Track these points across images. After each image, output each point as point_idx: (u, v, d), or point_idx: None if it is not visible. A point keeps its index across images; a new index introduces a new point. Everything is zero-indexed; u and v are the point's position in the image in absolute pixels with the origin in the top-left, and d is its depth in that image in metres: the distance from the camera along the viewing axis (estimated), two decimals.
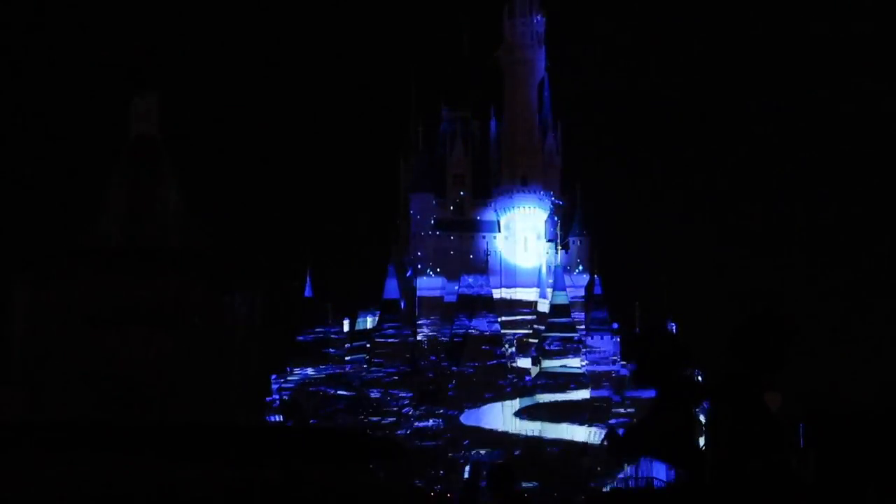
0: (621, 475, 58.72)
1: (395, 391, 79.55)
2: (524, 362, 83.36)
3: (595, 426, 76.13)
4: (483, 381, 79.90)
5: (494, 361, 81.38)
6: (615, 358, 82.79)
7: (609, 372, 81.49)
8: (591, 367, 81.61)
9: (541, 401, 79.52)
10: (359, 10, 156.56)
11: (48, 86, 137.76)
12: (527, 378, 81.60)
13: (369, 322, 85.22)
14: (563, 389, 79.64)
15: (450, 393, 79.52)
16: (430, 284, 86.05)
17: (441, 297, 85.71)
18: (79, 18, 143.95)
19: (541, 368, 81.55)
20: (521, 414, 79.14)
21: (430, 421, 77.37)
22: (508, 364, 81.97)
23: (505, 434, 77.45)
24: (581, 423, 77.60)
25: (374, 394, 79.52)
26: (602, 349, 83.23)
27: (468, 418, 78.45)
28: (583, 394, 79.96)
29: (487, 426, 78.08)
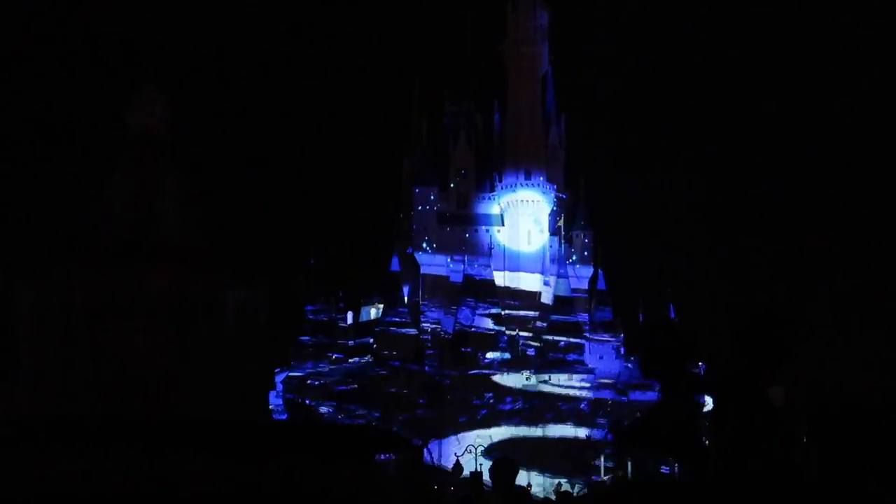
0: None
1: (353, 406, 69.97)
2: (525, 376, 74.94)
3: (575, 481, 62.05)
4: (458, 397, 70.57)
5: (476, 371, 73.56)
6: (613, 381, 74.48)
7: (607, 401, 71.80)
8: (588, 392, 72.65)
9: (518, 435, 69.16)
10: (363, 4, 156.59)
11: (49, 82, 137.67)
12: (508, 400, 71.77)
13: (373, 312, 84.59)
14: (543, 420, 69.96)
15: (418, 412, 69.51)
16: (433, 261, 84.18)
17: (446, 277, 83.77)
18: (80, 13, 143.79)
19: (530, 387, 73.02)
20: (493, 453, 65.32)
21: (382, 455, 67.00)
22: (510, 358, 76.80)
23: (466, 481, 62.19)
24: (555, 475, 65.14)
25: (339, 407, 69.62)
26: (600, 367, 76.28)
27: (433, 452, 65.10)
28: (575, 430, 69.61)
29: (450, 466, 64.56)
